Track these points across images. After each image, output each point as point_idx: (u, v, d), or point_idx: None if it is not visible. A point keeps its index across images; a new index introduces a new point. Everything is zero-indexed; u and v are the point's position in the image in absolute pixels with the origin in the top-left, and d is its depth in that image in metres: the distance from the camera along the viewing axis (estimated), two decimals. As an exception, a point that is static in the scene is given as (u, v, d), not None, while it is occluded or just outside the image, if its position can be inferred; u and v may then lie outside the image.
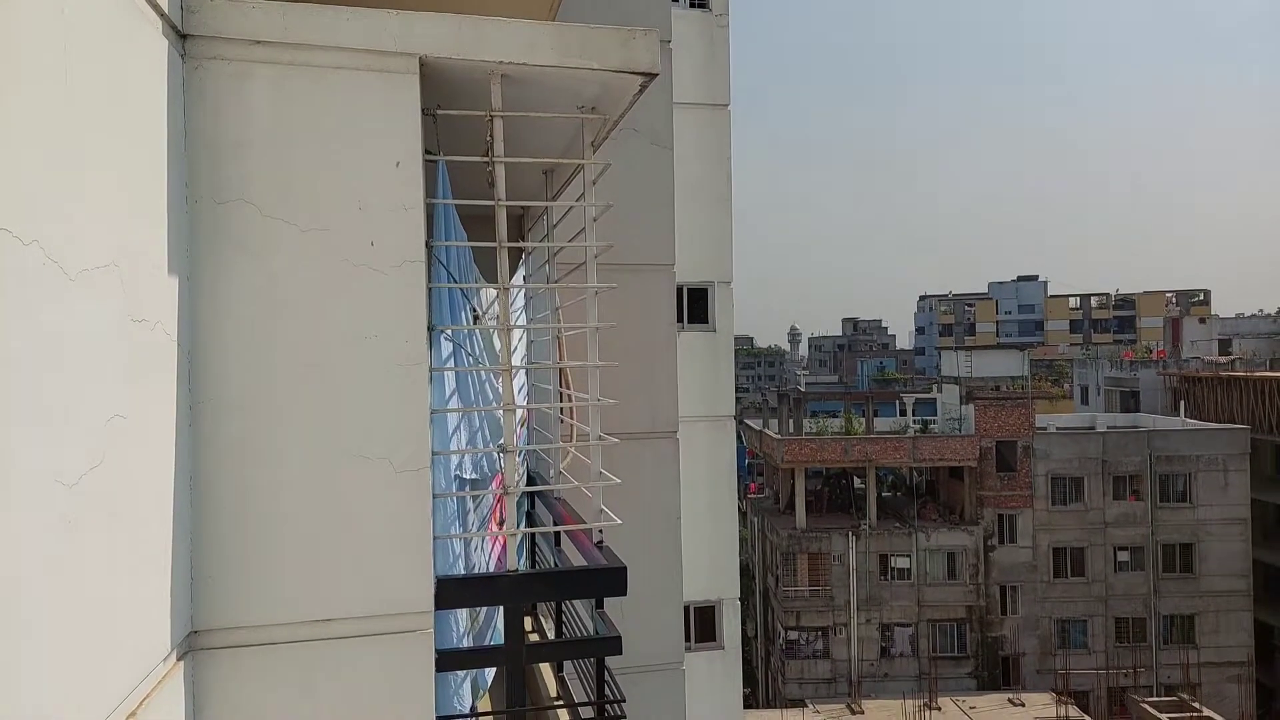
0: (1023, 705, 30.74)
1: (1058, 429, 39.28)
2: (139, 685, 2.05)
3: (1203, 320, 60.76)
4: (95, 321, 1.86)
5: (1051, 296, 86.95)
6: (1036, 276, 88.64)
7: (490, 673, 3.78)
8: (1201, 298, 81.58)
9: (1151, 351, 56.46)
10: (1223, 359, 48.86)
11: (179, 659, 2.32)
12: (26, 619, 1.58)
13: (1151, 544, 36.46)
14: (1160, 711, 29.18)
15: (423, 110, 2.68)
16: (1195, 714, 28.91)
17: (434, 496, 2.69)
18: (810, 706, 31.00)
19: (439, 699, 2.77)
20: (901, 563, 36.26)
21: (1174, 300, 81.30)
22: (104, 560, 1.88)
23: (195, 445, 2.41)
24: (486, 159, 2.93)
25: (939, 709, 29.77)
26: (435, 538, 2.70)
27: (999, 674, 35.89)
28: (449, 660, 2.86)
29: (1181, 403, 42.17)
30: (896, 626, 36.17)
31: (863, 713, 30.60)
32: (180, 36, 2.40)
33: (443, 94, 2.85)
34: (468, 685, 3.38)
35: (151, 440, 2.18)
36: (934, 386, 47.96)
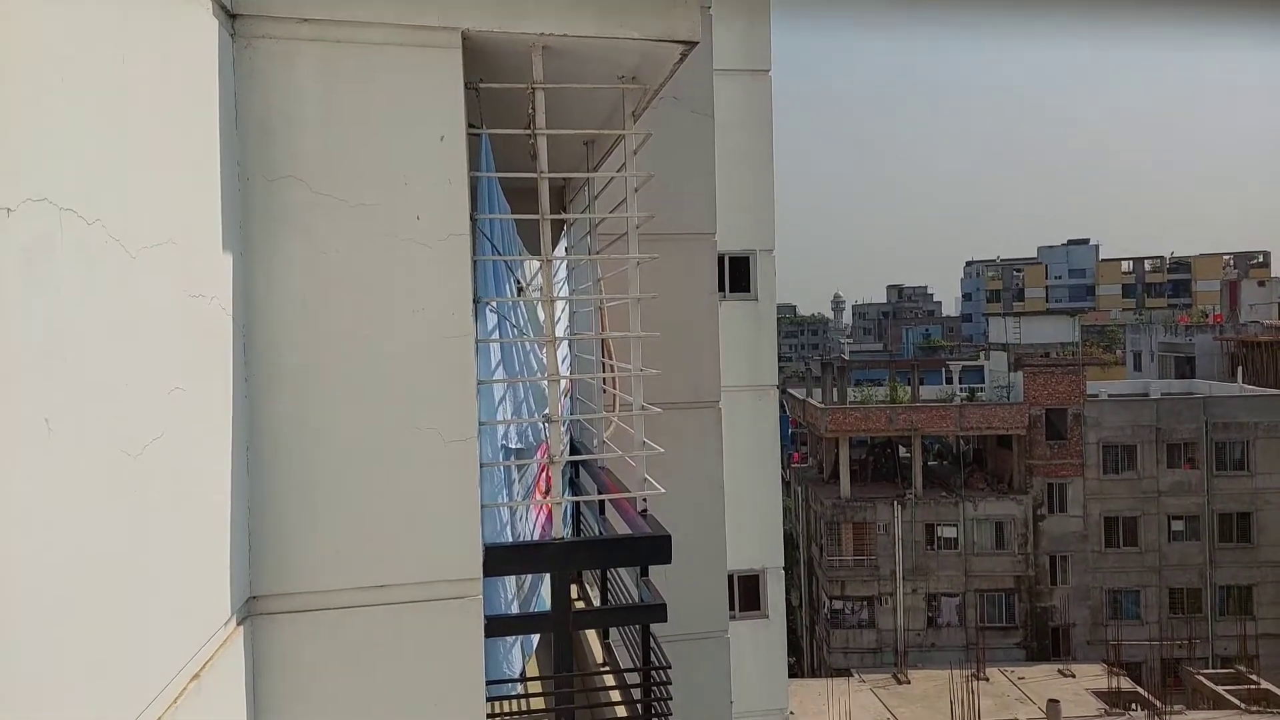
0: (1073, 676, 30.40)
1: (1109, 396, 38.35)
2: (202, 648, 2.14)
3: (1262, 283, 58.46)
4: (155, 297, 1.92)
5: (1103, 260, 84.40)
6: (1088, 240, 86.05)
7: (535, 638, 3.87)
8: (1261, 259, 78.43)
9: (1208, 316, 54.59)
10: (1285, 323, 47.03)
11: (239, 623, 2.41)
12: (99, 585, 1.65)
13: (1207, 513, 35.56)
14: (1216, 684, 28.63)
15: (466, 84, 2.69)
16: (1253, 686, 28.30)
17: (481, 466, 2.74)
18: (856, 676, 31.06)
19: (489, 663, 2.84)
20: (948, 532, 35.92)
21: (1231, 263, 78.31)
22: (167, 528, 1.96)
23: (251, 416, 2.49)
24: (529, 131, 2.93)
25: (987, 679, 29.60)
26: (483, 506, 2.76)
27: (1048, 645, 35.51)
28: (497, 626, 2.93)
29: (1239, 368, 40.80)
30: (943, 596, 35.95)
31: (909, 682, 30.57)
32: (230, 16, 2.44)
33: (485, 67, 2.86)
34: (517, 649, 3.46)
35: (210, 412, 2.25)
36: (981, 353, 47.09)
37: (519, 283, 3.77)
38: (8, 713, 1.34)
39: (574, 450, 4.82)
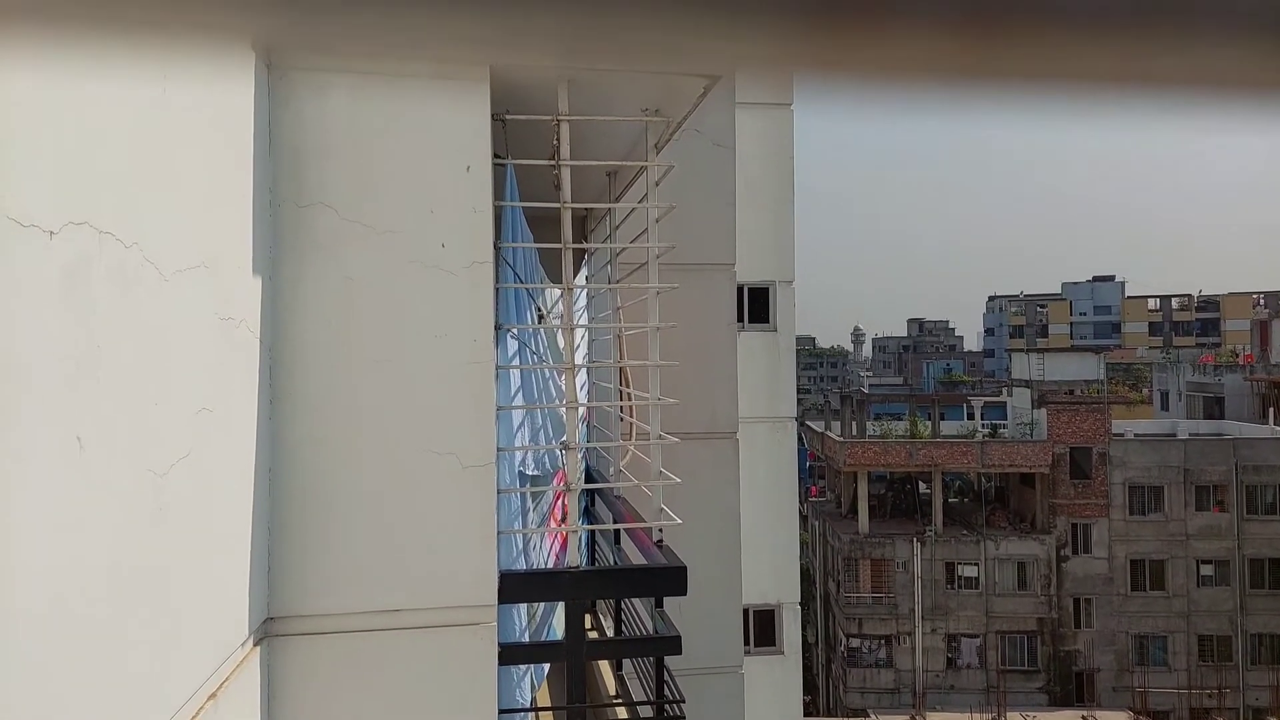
0: (1096, 723, 29.59)
1: (1136, 435, 37.70)
2: (219, 667, 2.15)
3: (1294, 323, 57.49)
4: (186, 319, 1.97)
5: (1129, 298, 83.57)
6: (1113, 277, 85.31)
7: (545, 667, 3.84)
8: (1293, 299, 77.27)
9: (1238, 355, 53.74)
10: (1317, 364, 46.21)
11: (256, 644, 2.43)
12: (122, 602, 1.68)
13: (1238, 558, 34.73)
14: (1246, 734, 27.74)
15: (492, 115, 2.74)
16: (1284, 738, 27.40)
17: (498, 492, 2.75)
18: (873, 716, 30.43)
19: (502, 691, 2.83)
20: (969, 571, 35.30)
21: (1262, 302, 77.25)
22: (190, 547, 1.99)
23: (274, 438, 2.52)
24: (553, 162, 2.98)
25: (1007, 723, 28.85)
26: (499, 533, 2.76)
27: (1072, 690, 34.62)
28: (512, 654, 2.92)
29: (1271, 409, 40.05)
30: (963, 637, 35.23)
31: (927, 723, 29.86)
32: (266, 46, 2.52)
33: (511, 99, 2.92)
34: (528, 678, 3.44)
35: (234, 433, 2.29)
36: (1004, 389, 46.59)
37: (540, 310, 3.80)
38: (29, 724, 1.36)
39: (590, 478, 4.82)
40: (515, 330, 3.28)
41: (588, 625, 5.00)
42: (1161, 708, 32.55)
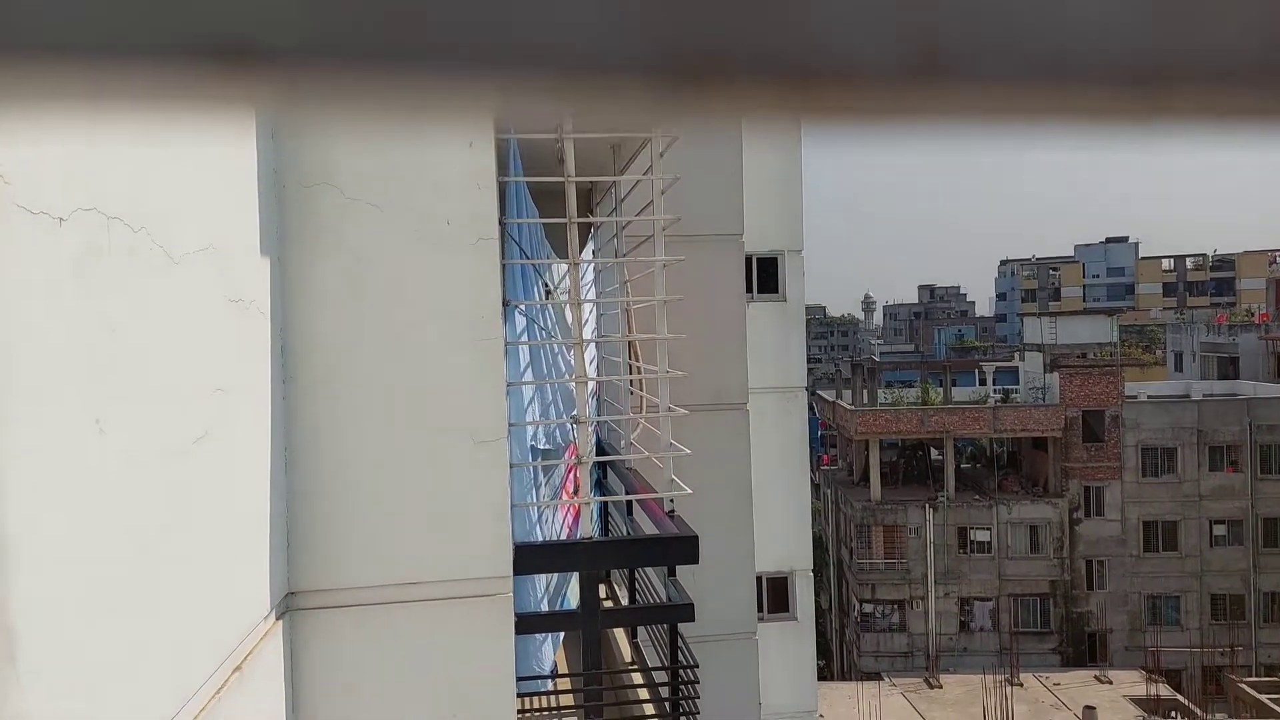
0: (1110, 683, 29.83)
1: (1149, 397, 37.54)
2: (243, 641, 2.21)
3: (1311, 281, 56.85)
4: (197, 302, 1.99)
5: (1143, 259, 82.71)
6: (1126, 238, 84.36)
7: (560, 635, 3.91)
8: (1310, 256, 76.31)
9: (1253, 315, 53.23)
10: (1333, 322, 45.73)
11: (278, 618, 2.48)
12: (147, 579, 1.72)
13: (1251, 517, 34.70)
14: (1259, 692, 27.90)
15: (493, 90, 2.73)
16: (1297, 695, 27.55)
17: (511, 466, 2.79)
18: (887, 680, 30.75)
19: (520, 659, 2.89)
20: (981, 536, 35.42)
21: (1277, 260, 76.36)
22: (211, 525, 2.03)
23: (289, 417, 2.56)
24: (555, 135, 2.98)
25: (1021, 685, 29.14)
26: (513, 506, 2.81)
27: (1084, 650, 34.85)
28: (528, 623, 2.98)
29: (1286, 369, 39.74)
30: (976, 601, 35.45)
31: (941, 687, 30.19)
32: (264, 28, 2.51)
33: (512, 73, 2.91)
34: (548, 645, 3.51)
35: (250, 413, 2.32)
36: (1016, 354, 46.37)
37: (547, 286, 3.82)
38: (68, 700, 1.41)
39: (601, 451, 4.86)
40: (523, 306, 3.30)
41: (602, 595, 5.07)
42: (1174, 666, 32.75)
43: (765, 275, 9.47)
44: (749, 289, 8.93)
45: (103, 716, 1.54)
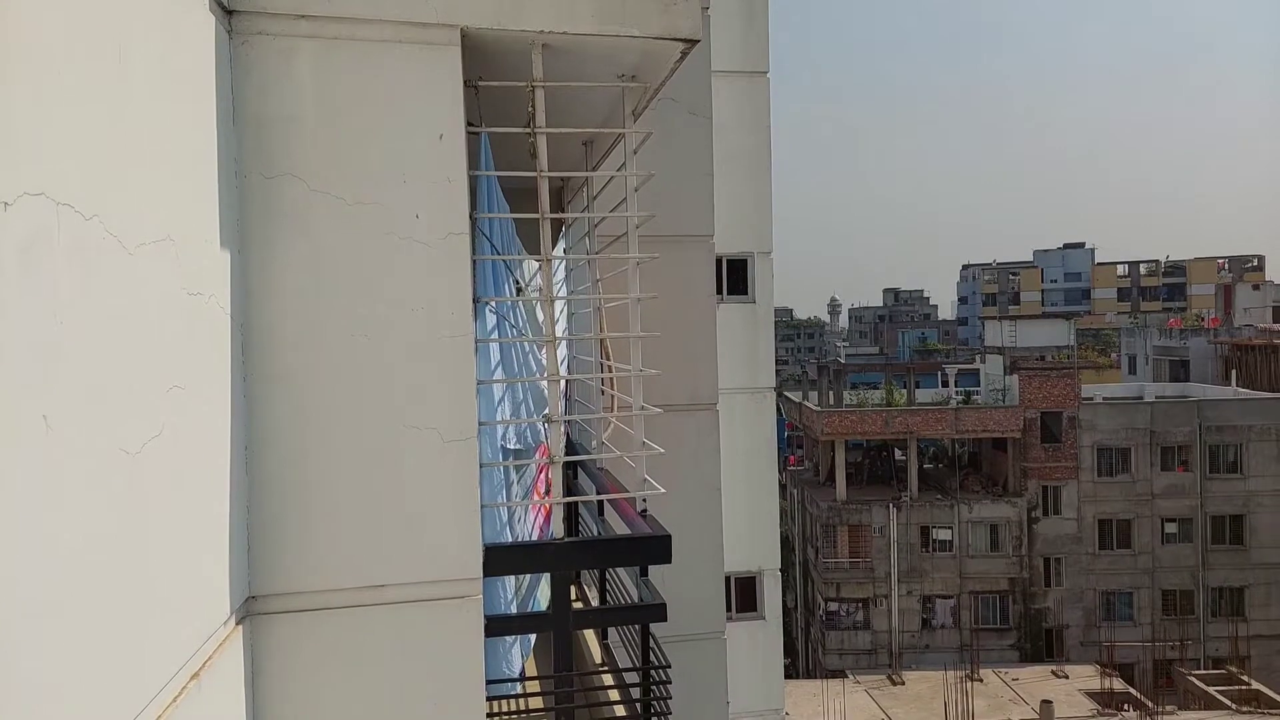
0: (1066, 677, 30.46)
1: (1104, 399, 38.46)
2: (201, 647, 2.13)
3: (1257, 287, 58.78)
4: (153, 294, 1.91)
5: (1099, 264, 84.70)
6: (1084, 244, 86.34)
7: (533, 636, 3.85)
8: (1256, 263, 78.76)
9: (1202, 319, 54.79)
10: (1277, 326, 47.26)
11: (238, 623, 2.40)
12: (98, 583, 1.64)
13: (1200, 515, 35.70)
14: (1208, 685, 28.69)
15: (465, 82, 2.67)
16: (1244, 687, 28.38)
17: (480, 466, 2.73)
18: (851, 677, 31.07)
19: (489, 663, 2.83)
20: (943, 535, 35.98)
21: (1226, 266, 78.65)
22: (166, 527, 1.95)
23: (250, 415, 2.47)
24: (528, 130, 2.92)
25: (981, 680, 29.63)
26: (482, 506, 2.74)
27: (1042, 646, 35.56)
28: (498, 625, 2.92)
29: (1233, 372, 40.96)
30: (938, 598, 35.99)
31: (904, 684, 30.57)
32: (226, 12, 2.43)
33: (484, 65, 2.85)
34: (516, 649, 3.44)
35: (208, 410, 2.23)
36: (977, 357, 47.18)
37: (518, 283, 3.76)
38: (9, 711, 1.33)
39: (571, 451, 4.81)
40: (494, 303, 3.24)
41: (573, 596, 5.02)
42: (1127, 660, 33.54)
43: (735, 276, 9.48)
44: (719, 290, 8.93)
45: (50, 730, 1.46)
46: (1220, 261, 79.92)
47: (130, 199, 1.80)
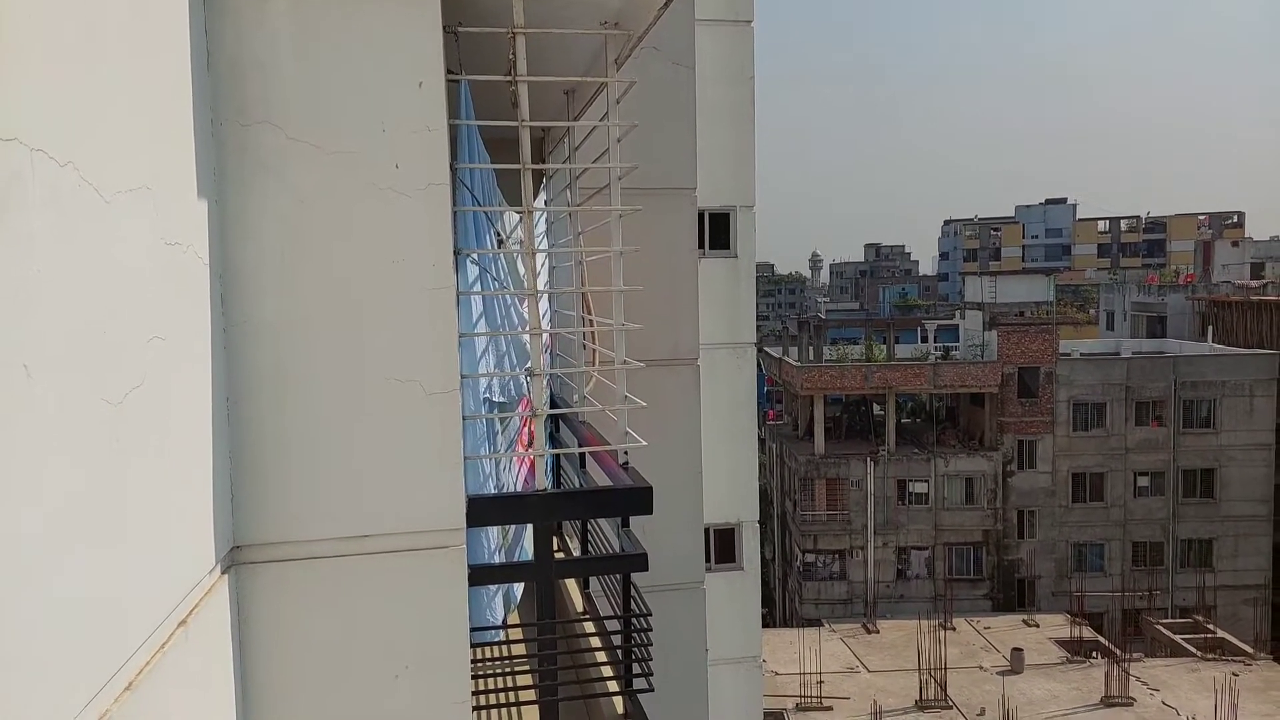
0: (1037, 626, 31.37)
1: (1081, 355, 38.95)
2: (188, 595, 2.15)
3: (1235, 243, 59.35)
4: (131, 244, 1.89)
5: (1080, 220, 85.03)
6: (1065, 199, 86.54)
7: (519, 591, 3.92)
8: (1235, 220, 79.39)
9: (1179, 275, 55.33)
10: (1254, 283, 47.84)
11: (223, 572, 2.42)
12: (82, 532, 1.65)
13: (1173, 469, 36.53)
14: (1174, 633, 29.68)
15: (444, 28, 2.62)
16: (1209, 635, 29.38)
17: (464, 418, 2.74)
18: (826, 626, 31.82)
19: (473, 612, 2.88)
20: (919, 488, 36.63)
21: (1206, 223, 79.21)
22: (149, 476, 1.95)
23: (231, 366, 2.47)
24: (509, 78, 2.88)
25: (954, 629, 30.45)
26: (466, 458, 2.77)
27: (1014, 596, 36.55)
28: (481, 575, 2.96)
29: (1210, 328, 41.56)
30: (913, 550, 36.79)
31: (878, 632, 31.38)
32: (197, -48, 2.36)
33: (464, 11, 2.79)
34: (500, 599, 3.50)
35: (189, 361, 2.23)
36: (957, 313, 47.50)
37: (499, 235, 3.73)
38: (-4, 654, 1.35)
39: (554, 405, 4.84)
40: (475, 255, 3.22)
41: (555, 547, 5.09)
42: (1097, 610, 34.57)
43: (717, 231, 9.46)
44: (701, 244, 8.91)
45: (39, 673, 1.48)
46: (1201, 218, 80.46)
47: (105, 146, 1.77)
